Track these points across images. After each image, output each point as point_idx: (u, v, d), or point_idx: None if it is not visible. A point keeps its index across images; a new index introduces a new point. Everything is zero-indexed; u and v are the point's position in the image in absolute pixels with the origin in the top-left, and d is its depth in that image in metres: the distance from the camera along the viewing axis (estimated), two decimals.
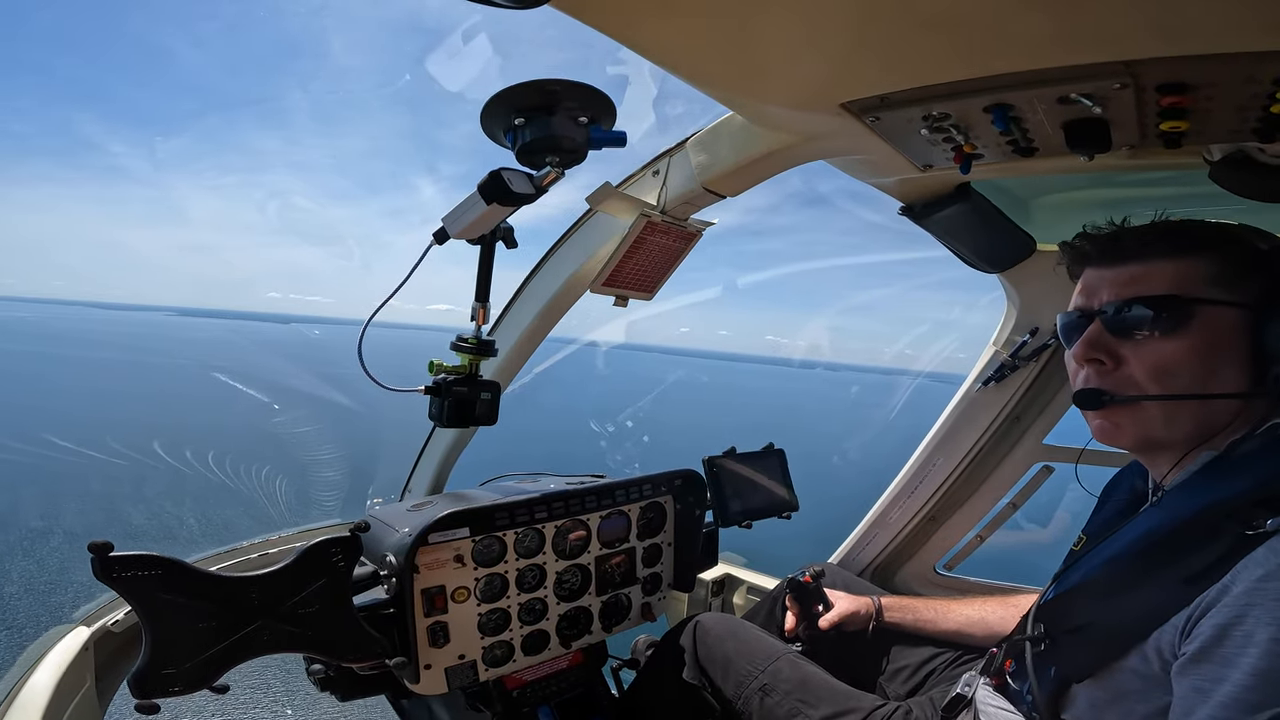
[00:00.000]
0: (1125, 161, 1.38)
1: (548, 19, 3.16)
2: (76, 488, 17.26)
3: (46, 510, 13.47)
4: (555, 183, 1.56)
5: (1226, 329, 1.08)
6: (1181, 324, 1.08)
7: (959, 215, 1.86)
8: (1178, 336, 1.08)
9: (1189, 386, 1.09)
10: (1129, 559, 1.16)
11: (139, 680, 1.25)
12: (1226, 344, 1.08)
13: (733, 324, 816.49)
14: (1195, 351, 1.08)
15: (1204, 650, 0.94)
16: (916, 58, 1.09)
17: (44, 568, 9.97)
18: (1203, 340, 1.07)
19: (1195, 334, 1.08)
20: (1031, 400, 2.33)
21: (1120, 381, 1.15)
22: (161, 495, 16.09)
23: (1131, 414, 1.15)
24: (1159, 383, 1.10)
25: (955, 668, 1.86)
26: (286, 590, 1.39)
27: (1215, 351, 1.08)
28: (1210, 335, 1.07)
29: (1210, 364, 1.08)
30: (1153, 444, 1.17)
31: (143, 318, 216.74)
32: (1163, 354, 1.09)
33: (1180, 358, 1.08)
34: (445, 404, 1.77)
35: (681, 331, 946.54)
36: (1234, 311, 1.07)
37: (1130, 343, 1.13)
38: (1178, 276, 1.10)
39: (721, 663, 1.88)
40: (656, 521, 2.22)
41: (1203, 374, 1.08)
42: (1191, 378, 1.09)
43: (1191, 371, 1.08)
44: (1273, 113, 1.06)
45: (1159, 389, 1.10)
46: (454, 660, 1.80)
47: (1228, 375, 1.08)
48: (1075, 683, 1.18)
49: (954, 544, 2.56)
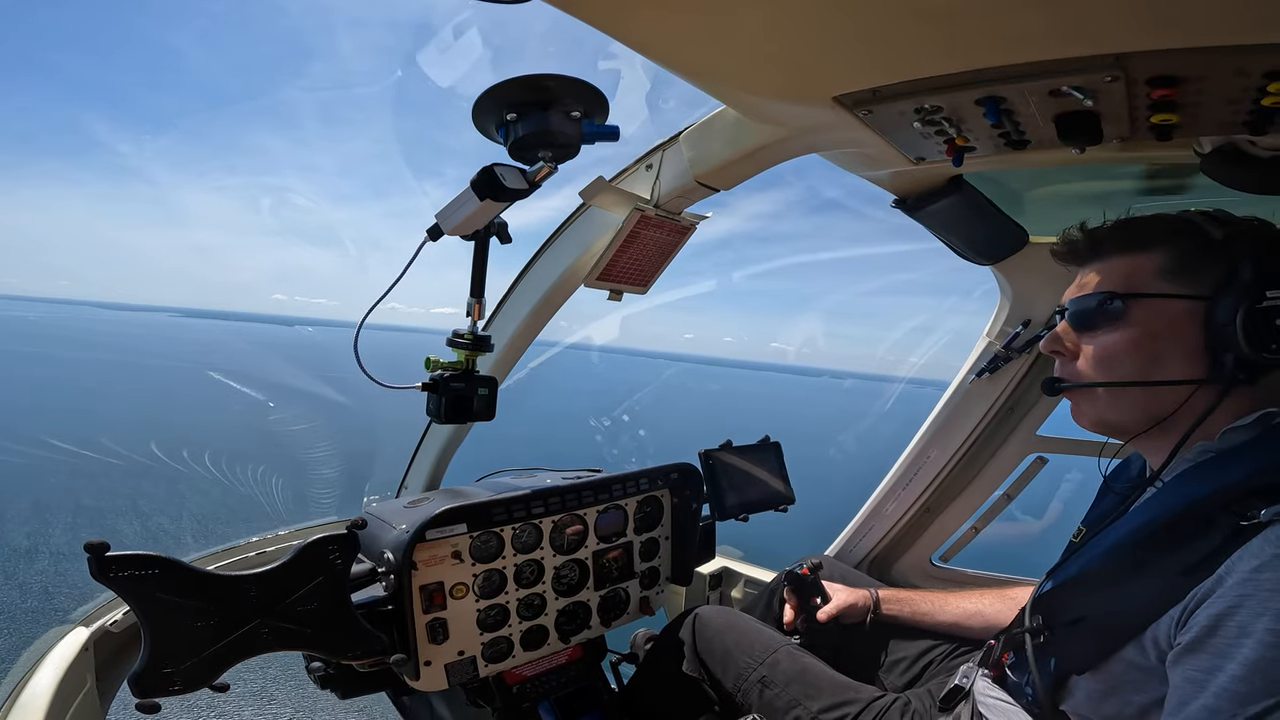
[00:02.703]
0: (1116, 154, 1.38)
1: (537, 13, 3.11)
2: (87, 485, 17.29)
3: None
4: (548, 177, 1.55)
5: (1173, 320, 1.14)
6: (1122, 317, 1.18)
7: (952, 208, 1.86)
8: (1119, 329, 1.18)
9: (1130, 374, 1.18)
10: (1126, 550, 1.16)
11: (139, 680, 1.25)
12: (1172, 334, 1.14)
13: (736, 330, 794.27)
14: (1134, 342, 1.17)
15: (1198, 641, 0.95)
16: (908, 50, 1.09)
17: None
18: (1144, 332, 1.16)
19: (1137, 326, 1.17)
20: (1025, 391, 2.34)
21: (1072, 370, 1.26)
22: (160, 493, 16.10)
23: (1085, 399, 1.26)
24: (1101, 370, 1.21)
25: (953, 659, 1.87)
26: (284, 588, 1.39)
27: (1157, 342, 1.15)
28: (1153, 326, 1.15)
29: (1151, 354, 1.16)
30: (1108, 426, 1.26)
31: (144, 318, 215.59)
32: (1104, 345, 1.20)
33: (1120, 348, 1.18)
34: (442, 400, 1.77)
35: (686, 338, 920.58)
36: (1182, 303, 1.13)
37: (1087, 334, 1.23)
38: (1128, 272, 1.19)
39: (720, 655, 1.89)
40: (653, 515, 2.22)
41: (1144, 363, 1.16)
42: (1133, 366, 1.17)
43: (1132, 361, 1.17)
44: (1263, 105, 1.06)
45: (1102, 377, 1.21)
46: (453, 656, 1.81)
47: (1173, 364, 1.14)
48: (1074, 674, 1.19)
49: (950, 535, 2.57)
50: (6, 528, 13.03)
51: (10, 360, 51.29)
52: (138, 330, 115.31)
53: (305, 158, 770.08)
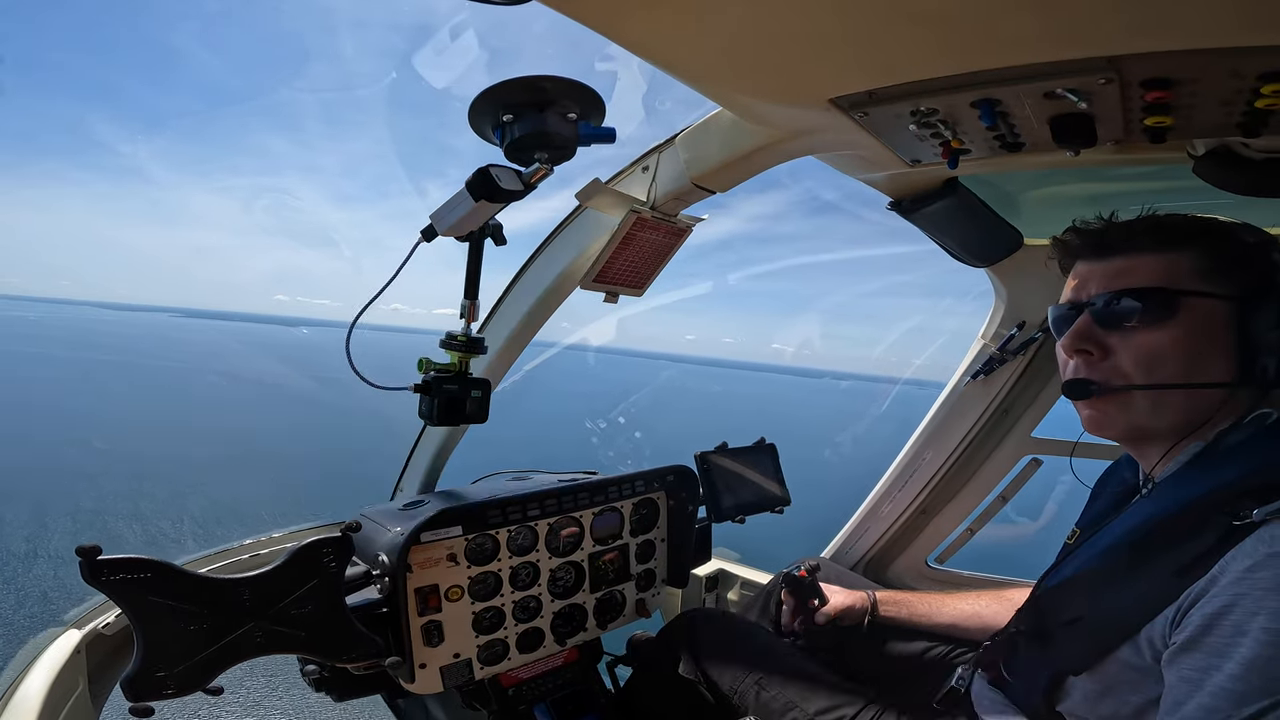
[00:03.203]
0: (1110, 156, 1.38)
1: (534, 15, 3.09)
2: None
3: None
4: (544, 179, 1.55)
5: (1212, 320, 1.10)
6: (1168, 315, 1.10)
7: (947, 210, 1.86)
8: (1164, 327, 1.11)
9: (1175, 376, 1.11)
10: (1120, 551, 1.17)
11: (132, 683, 1.24)
12: (1211, 335, 1.10)
13: (736, 331, 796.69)
14: (1180, 342, 1.10)
15: (1193, 640, 0.95)
16: (904, 53, 1.09)
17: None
18: (1188, 331, 1.10)
19: (1181, 325, 1.10)
20: (1020, 393, 2.35)
21: (1108, 372, 1.17)
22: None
23: (1119, 404, 1.17)
24: (1146, 372, 1.12)
25: (950, 661, 1.87)
26: (278, 591, 1.38)
27: (1200, 342, 1.10)
28: (1196, 326, 1.10)
29: (1195, 354, 1.10)
30: (1142, 433, 1.19)
31: (146, 319, 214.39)
32: (1149, 344, 1.12)
33: (1166, 348, 1.11)
34: (435, 402, 1.77)
35: (688, 339, 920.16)
36: (1220, 303, 1.09)
37: (1118, 334, 1.15)
38: (1164, 269, 1.12)
39: (717, 658, 1.89)
40: (650, 517, 2.22)
41: (1188, 364, 1.10)
42: (1177, 367, 1.11)
43: (1177, 361, 1.10)
44: (1257, 107, 1.06)
45: (1146, 379, 1.13)
46: (449, 659, 1.80)
47: (1213, 365, 1.10)
48: (1070, 675, 1.19)
49: (945, 537, 2.58)
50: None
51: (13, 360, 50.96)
52: (138, 331, 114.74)
53: (308, 159, 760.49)
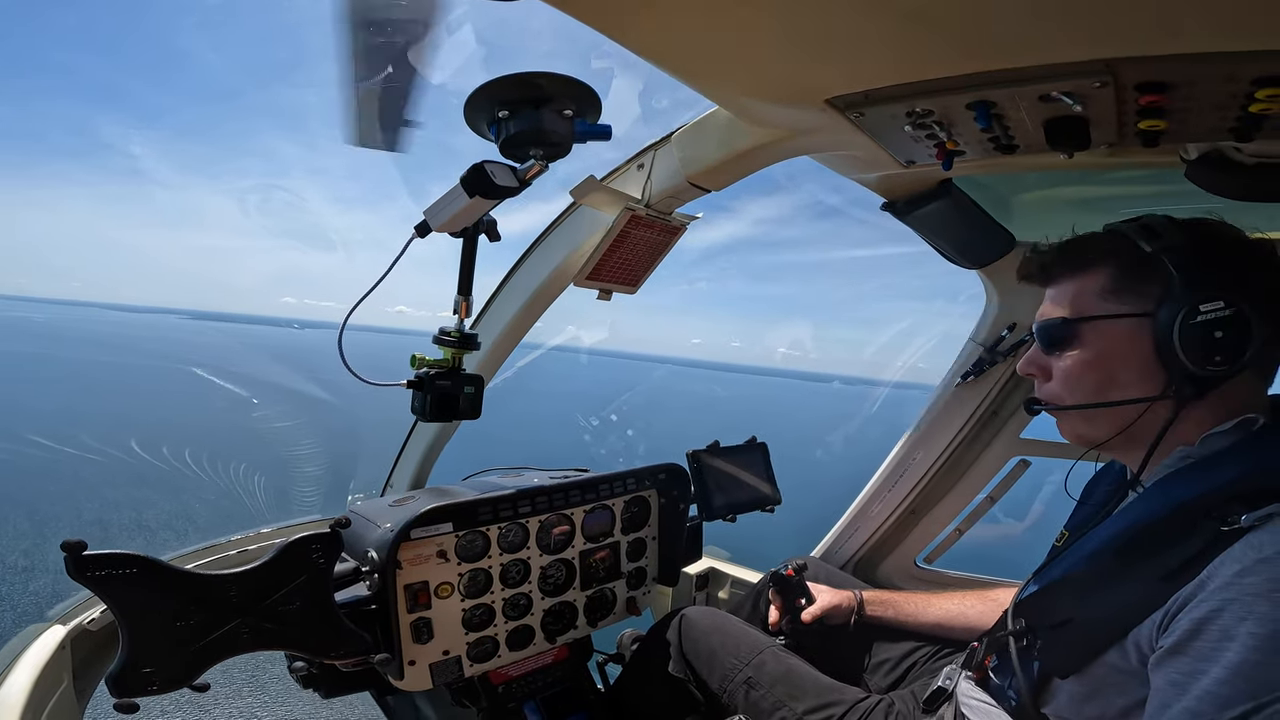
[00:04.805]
0: (1104, 160, 1.39)
1: (532, 11, 3.05)
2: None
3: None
4: (539, 175, 1.55)
5: (1120, 338, 1.16)
6: (1076, 342, 1.21)
7: (940, 211, 1.87)
8: (1076, 352, 1.21)
9: (1092, 395, 1.20)
10: (1108, 555, 1.17)
11: (117, 679, 1.22)
12: (1121, 352, 1.16)
13: (743, 336, 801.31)
14: (1091, 364, 1.19)
15: (1180, 644, 0.95)
16: (900, 54, 1.10)
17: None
18: (1098, 353, 1.19)
19: (1090, 348, 1.19)
20: (1009, 395, 2.36)
21: (1047, 392, 1.29)
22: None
23: (1065, 419, 1.28)
24: (1070, 393, 1.23)
25: (936, 661, 1.88)
26: (266, 587, 1.37)
27: (1109, 361, 1.17)
28: (1105, 348, 1.18)
29: (1106, 373, 1.18)
30: (1090, 442, 1.27)
31: (153, 320, 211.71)
32: (1066, 368, 1.23)
33: (1079, 370, 1.21)
34: (428, 398, 1.76)
35: (694, 343, 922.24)
36: (1126, 321, 1.15)
37: (1053, 357, 1.26)
38: (1076, 295, 1.22)
39: (706, 656, 1.89)
40: (641, 516, 2.22)
41: (1100, 382, 1.19)
42: (1092, 387, 1.20)
43: (1092, 382, 1.20)
44: (1250, 112, 1.07)
45: (1071, 399, 1.23)
46: (438, 656, 1.79)
47: (1129, 381, 1.16)
48: (1057, 677, 1.20)
49: (934, 537, 2.59)
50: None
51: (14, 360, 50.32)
52: (146, 332, 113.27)
53: (315, 161, 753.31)
